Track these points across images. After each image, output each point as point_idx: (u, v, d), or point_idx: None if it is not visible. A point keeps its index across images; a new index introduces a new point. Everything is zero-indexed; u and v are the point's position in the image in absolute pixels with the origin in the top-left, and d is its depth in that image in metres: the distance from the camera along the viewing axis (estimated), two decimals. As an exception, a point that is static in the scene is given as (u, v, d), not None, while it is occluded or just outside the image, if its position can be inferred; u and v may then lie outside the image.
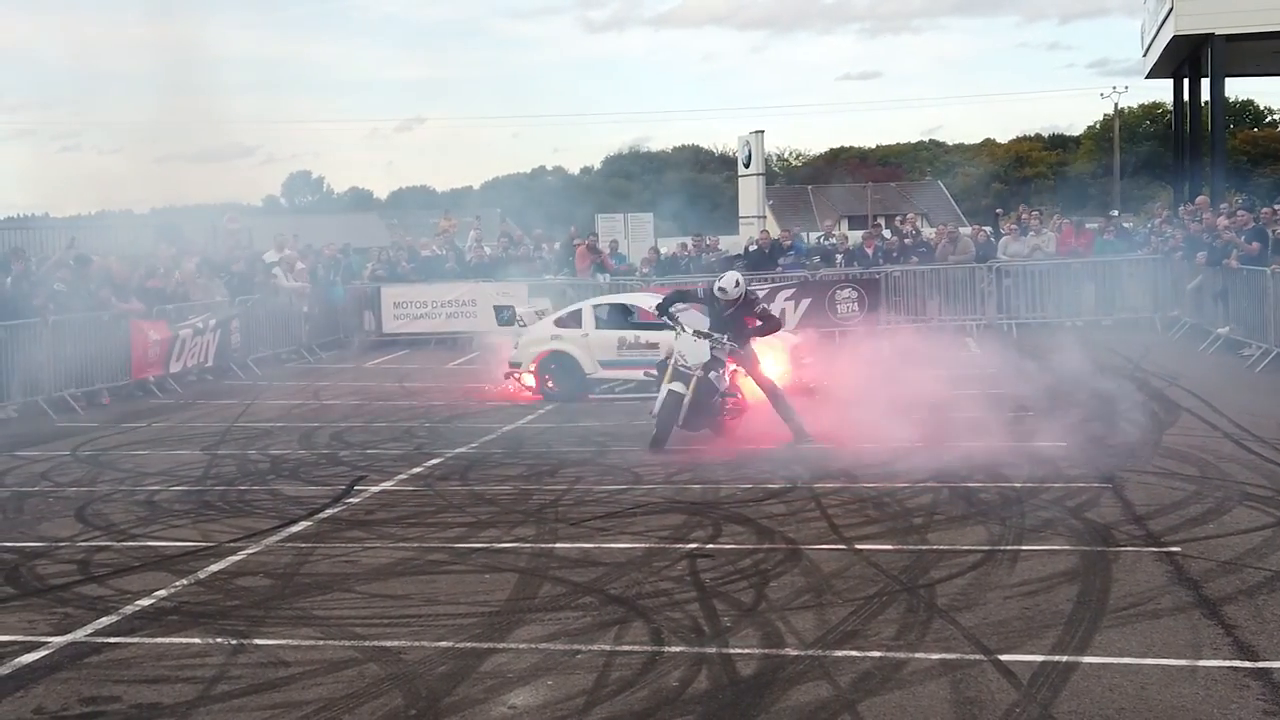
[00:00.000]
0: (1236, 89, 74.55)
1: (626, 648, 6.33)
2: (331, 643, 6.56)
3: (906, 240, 24.73)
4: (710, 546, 8.35)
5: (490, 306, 23.10)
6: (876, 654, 6.13)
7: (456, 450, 12.44)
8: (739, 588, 7.34)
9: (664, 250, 27.76)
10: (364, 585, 7.66)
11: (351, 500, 10.23)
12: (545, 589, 7.47)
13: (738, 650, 6.24)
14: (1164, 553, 7.83)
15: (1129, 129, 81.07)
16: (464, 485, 10.71)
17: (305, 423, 14.76)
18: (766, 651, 6.22)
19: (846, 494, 9.81)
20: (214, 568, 8.15)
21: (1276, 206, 20.66)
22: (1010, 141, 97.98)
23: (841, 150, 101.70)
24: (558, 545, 8.51)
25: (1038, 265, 22.98)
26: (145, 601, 7.42)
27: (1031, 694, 5.56)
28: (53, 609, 7.35)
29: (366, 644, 6.51)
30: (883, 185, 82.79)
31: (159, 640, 6.70)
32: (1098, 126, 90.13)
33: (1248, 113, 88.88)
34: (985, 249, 23.72)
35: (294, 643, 6.56)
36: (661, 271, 24.47)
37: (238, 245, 24.26)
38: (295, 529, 9.24)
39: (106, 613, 7.21)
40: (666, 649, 6.29)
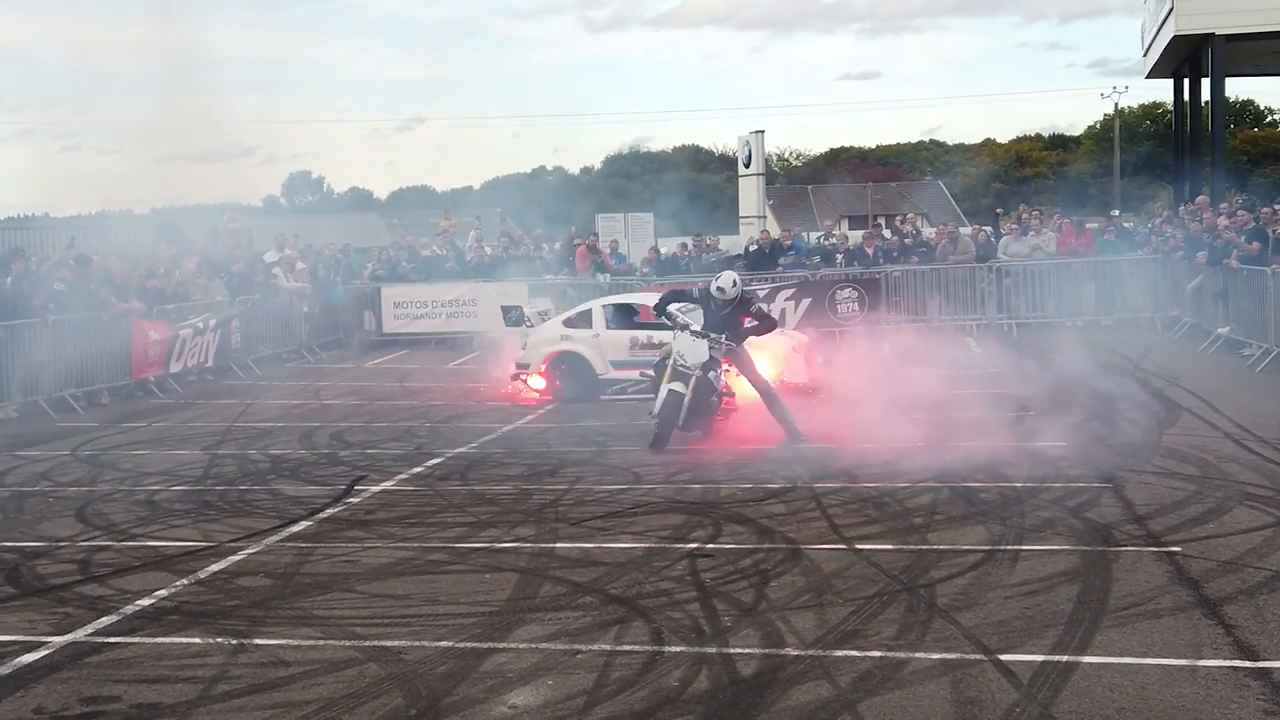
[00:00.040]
0: (1236, 89, 74.51)
1: (627, 647, 6.33)
2: (332, 642, 6.56)
3: (907, 240, 24.73)
4: (710, 546, 8.35)
5: (493, 307, 23.25)
6: (877, 654, 6.13)
7: (457, 450, 12.44)
8: (739, 587, 7.34)
9: (664, 250, 27.75)
10: (364, 585, 7.66)
11: (352, 500, 10.23)
12: (545, 589, 7.47)
13: (738, 650, 6.24)
14: (1164, 552, 7.83)
15: (1129, 129, 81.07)
16: (464, 485, 10.71)
17: (305, 422, 14.76)
18: (767, 651, 6.22)
19: (847, 494, 9.81)
20: (214, 567, 8.16)
21: (1276, 206, 20.65)
22: (1010, 141, 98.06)
23: (842, 150, 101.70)
24: (558, 545, 8.51)
25: (1038, 265, 22.98)
26: (145, 601, 7.42)
27: (1032, 694, 5.56)
28: (53, 609, 7.35)
29: (367, 644, 6.51)
30: (883, 185, 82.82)
31: (159, 640, 6.70)
32: (1098, 126, 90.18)
33: (1248, 113, 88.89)
34: (985, 249, 23.72)
35: (294, 642, 6.56)
36: (661, 271, 24.47)
37: (238, 245, 24.27)
38: (296, 529, 9.24)
39: (107, 612, 7.21)
40: (667, 649, 6.29)
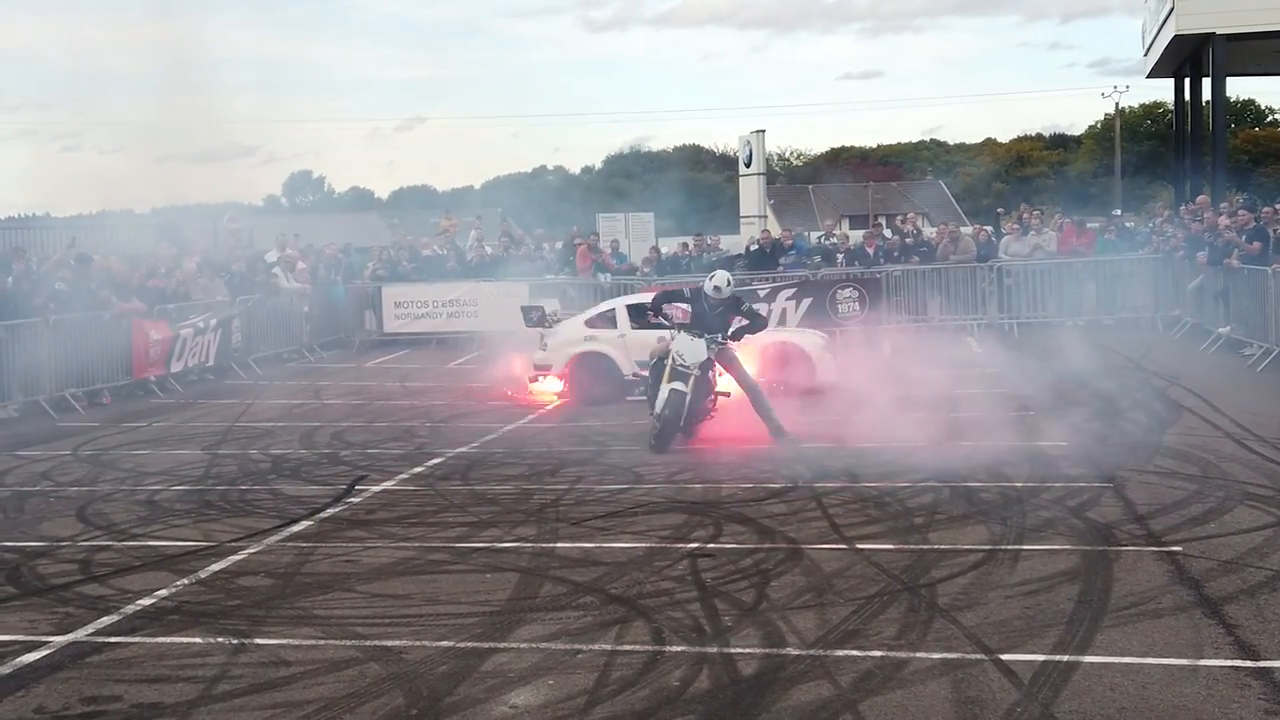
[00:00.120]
0: (1237, 88, 74.48)
1: (627, 647, 6.32)
2: (332, 642, 6.56)
3: (907, 240, 24.71)
4: (711, 546, 8.35)
5: (493, 307, 23.19)
6: (878, 653, 6.12)
7: (457, 450, 12.44)
8: (740, 587, 7.34)
9: (664, 250, 27.72)
10: (365, 585, 7.66)
11: (352, 500, 10.23)
12: (546, 588, 7.47)
13: (739, 650, 6.24)
14: (1165, 552, 7.82)
15: (1130, 128, 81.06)
16: (465, 485, 10.71)
17: (306, 422, 14.77)
18: (767, 651, 6.21)
19: (847, 493, 9.80)
20: (215, 567, 8.15)
21: (1277, 206, 20.64)
22: (1011, 141, 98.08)
23: (842, 150, 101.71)
24: (559, 545, 8.51)
25: (1039, 265, 22.96)
26: (146, 601, 7.42)
27: (1033, 693, 5.56)
28: (54, 608, 7.35)
29: (367, 643, 6.51)
30: (884, 185, 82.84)
31: (160, 640, 6.70)
32: (1099, 126, 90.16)
33: (1248, 112, 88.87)
34: (986, 248, 23.70)
35: (295, 642, 6.56)
36: (662, 271, 24.43)
37: (238, 245, 24.28)
38: (296, 528, 9.24)
39: (107, 612, 7.21)
40: (667, 648, 6.29)
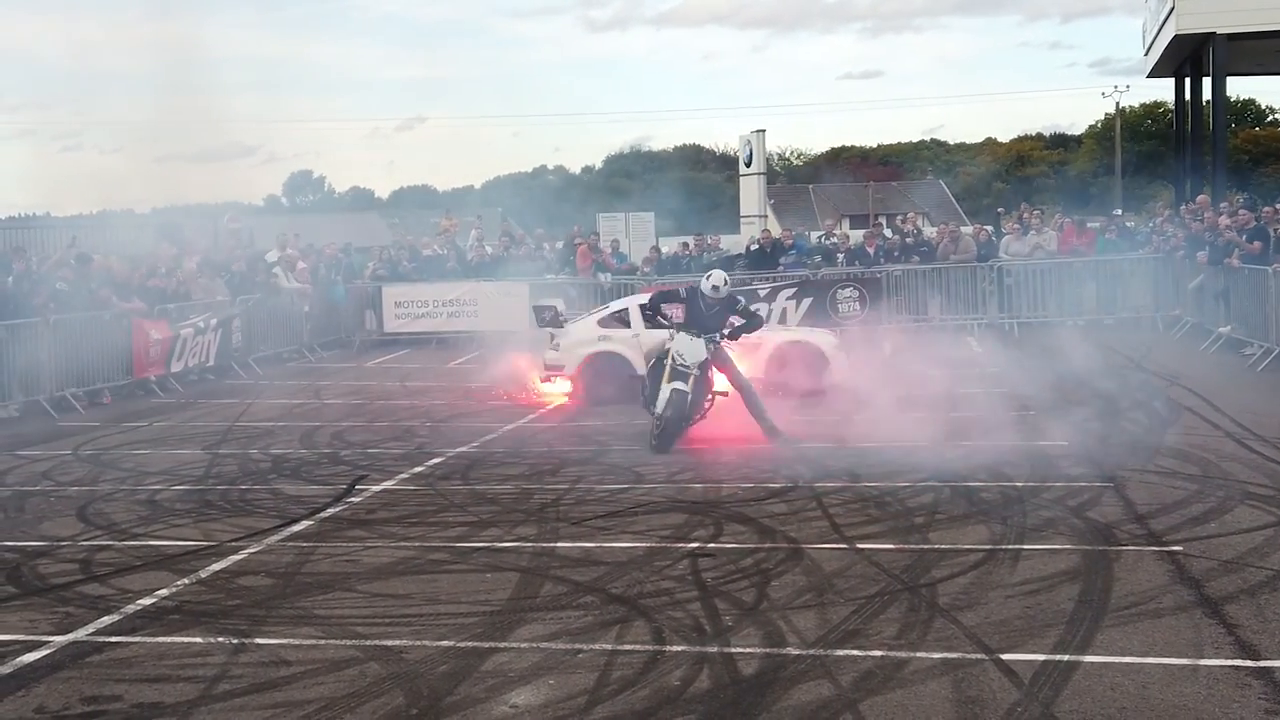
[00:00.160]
0: (1238, 88, 74.54)
1: (628, 647, 6.32)
2: (333, 642, 6.56)
3: (908, 239, 24.70)
4: (712, 546, 8.35)
5: (494, 307, 23.22)
6: (878, 653, 6.12)
7: (458, 449, 12.43)
8: (740, 587, 7.34)
9: (665, 250, 27.71)
10: (365, 584, 7.66)
11: (353, 499, 10.23)
12: (547, 588, 7.47)
13: (739, 649, 6.24)
14: (1166, 552, 7.82)
15: (1130, 128, 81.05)
16: (465, 484, 10.71)
17: (306, 422, 14.76)
18: (768, 651, 6.21)
19: (848, 493, 9.80)
20: (215, 567, 8.15)
21: (1277, 205, 20.64)
22: (1012, 141, 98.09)
23: (843, 149, 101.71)
24: (559, 544, 8.51)
25: (1039, 264, 22.93)
26: (147, 601, 7.42)
27: (1033, 693, 5.56)
28: (54, 608, 7.35)
29: (368, 643, 6.51)
30: (884, 184, 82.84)
31: (160, 639, 6.70)
32: (1099, 125, 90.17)
33: (1249, 112, 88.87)
34: (987, 248, 23.69)
35: (295, 642, 6.56)
36: (662, 271, 24.42)
37: (239, 245, 24.27)
38: (297, 528, 9.24)
39: (108, 612, 7.21)
40: (668, 648, 6.29)
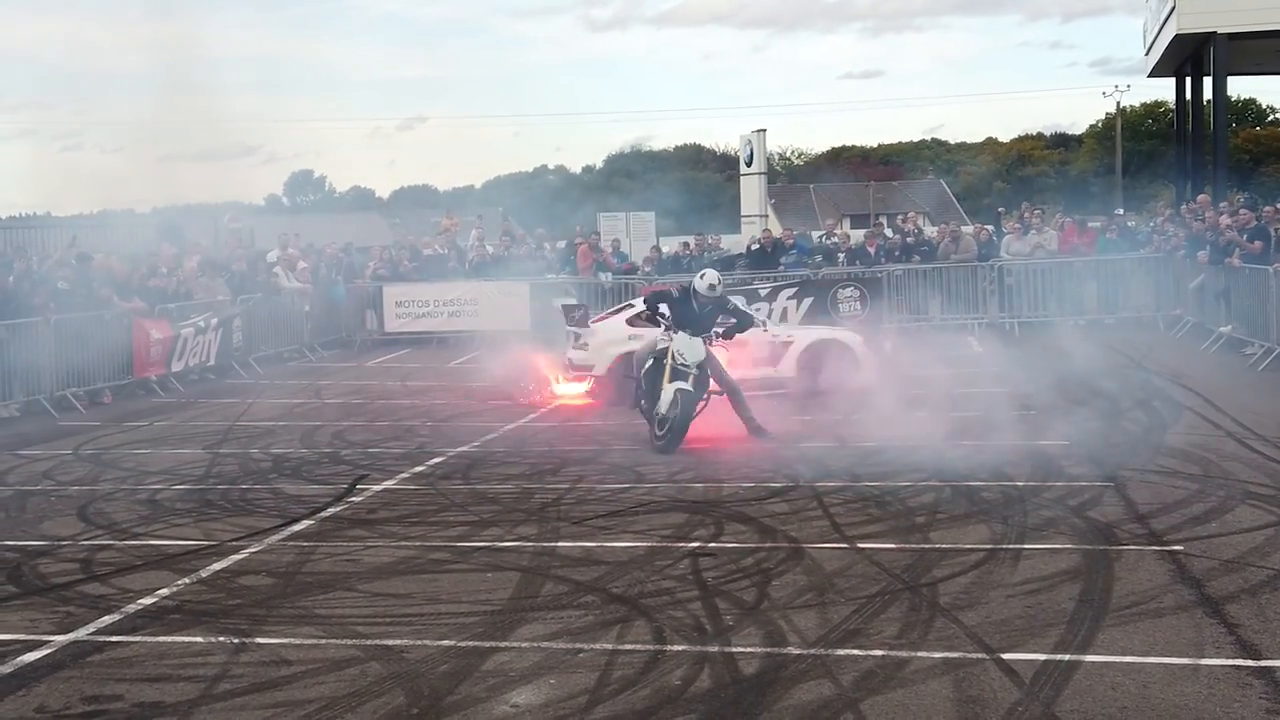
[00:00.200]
0: (1238, 87, 74.41)
1: (629, 646, 6.32)
2: (333, 641, 6.56)
3: (908, 239, 24.69)
4: (712, 545, 8.35)
5: (494, 306, 23.24)
6: (879, 653, 6.12)
7: (458, 449, 12.43)
8: (741, 586, 7.34)
9: (665, 249, 27.72)
10: (366, 584, 7.65)
11: (354, 499, 10.23)
12: (547, 588, 7.47)
13: (740, 649, 6.23)
14: (1166, 551, 7.82)
15: (1131, 128, 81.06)
16: (466, 484, 10.70)
17: (307, 421, 14.76)
18: (769, 650, 6.21)
19: (849, 493, 9.80)
20: (216, 566, 8.15)
21: (1278, 205, 20.64)
22: (1012, 140, 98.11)
23: (843, 149, 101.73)
24: (560, 544, 8.50)
25: (1040, 264, 22.91)
26: (147, 600, 7.42)
27: (1034, 693, 5.55)
28: (55, 608, 7.35)
29: (369, 643, 6.50)
30: (885, 184, 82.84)
31: (161, 639, 6.70)
32: (1100, 125, 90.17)
33: (1250, 111, 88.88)
34: (987, 248, 23.68)
35: (296, 641, 6.56)
36: (663, 271, 24.42)
37: (240, 244, 24.27)
38: (297, 528, 9.24)
39: (109, 611, 7.21)
40: (669, 648, 6.28)
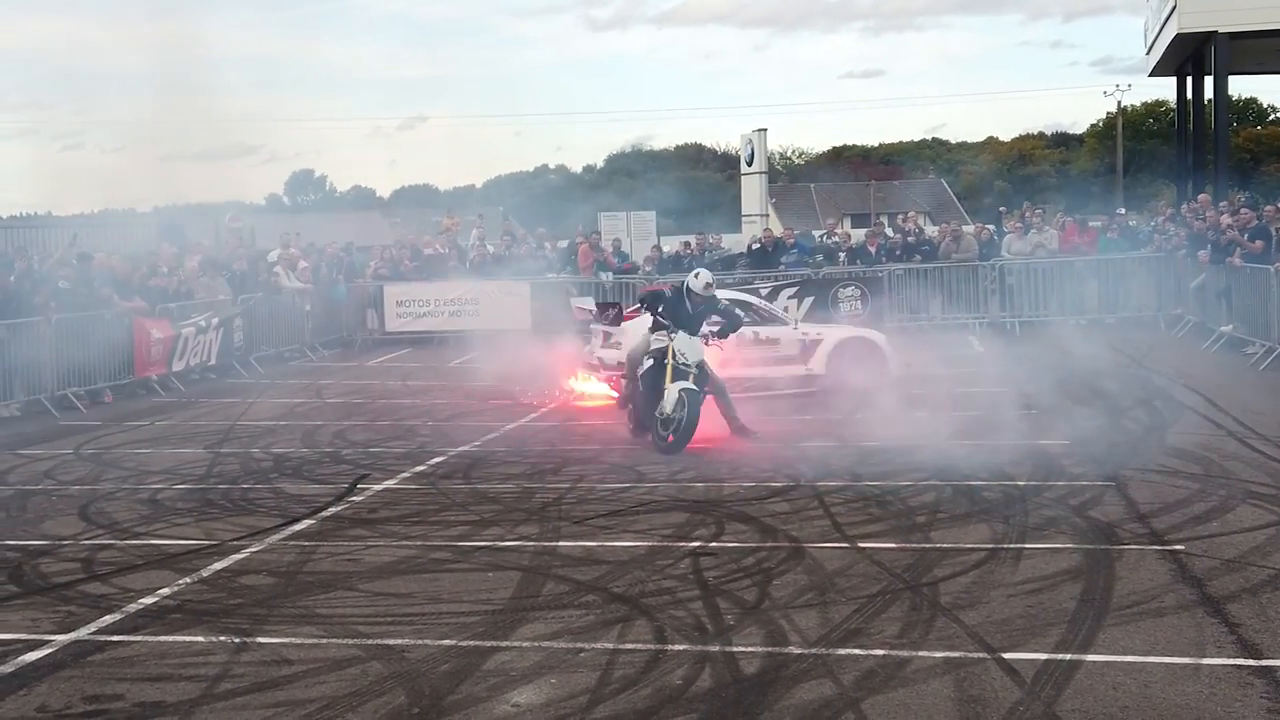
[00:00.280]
0: (1239, 87, 74.37)
1: (630, 646, 6.32)
2: (334, 641, 6.56)
3: (909, 238, 24.69)
4: (713, 545, 8.35)
5: (495, 305, 23.24)
6: (880, 652, 6.12)
7: (459, 448, 12.43)
8: (742, 586, 7.34)
9: (666, 249, 27.72)
10: (367, 583, 7.66)
11: (354, 498, 10.23)
12: (548, 587, 7.47)
13: (741, 648, 6.23)
14: (1167, 551, 7.82)
15: (1132, 127, 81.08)
16: (467, 483, 10.71)
17: (308, 421, 14.76)
18: (770, 650, 6.21)
19: (849, 492, 9.80)
20: (217, 566, 8.16)
21: (1279, 204, 20.62)
22: (1013, 139, 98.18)
23: (844, 148, 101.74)
24: (561, 543, 8.51)
25: (1041, 263, 22.90)
26: (148, 599, 7.42)
27: (1035, 692, 5.55)
28: (56, 607, 7.35)
29: (369, 642, 6.51)
30: (886, 183, 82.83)
31: (162, 638, 6.70)
32: (1101, 124, 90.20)
33: (1251, 110, 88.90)
34: (988, 247, 23.67)
35: (297, 641, 6.56)
36: (664, 270, 24.41)
37: (240, 244, 24.27)
38: (298, 527, 9.24)
39: (110, 611, 7.21)
40: (670, 647, 6.28)
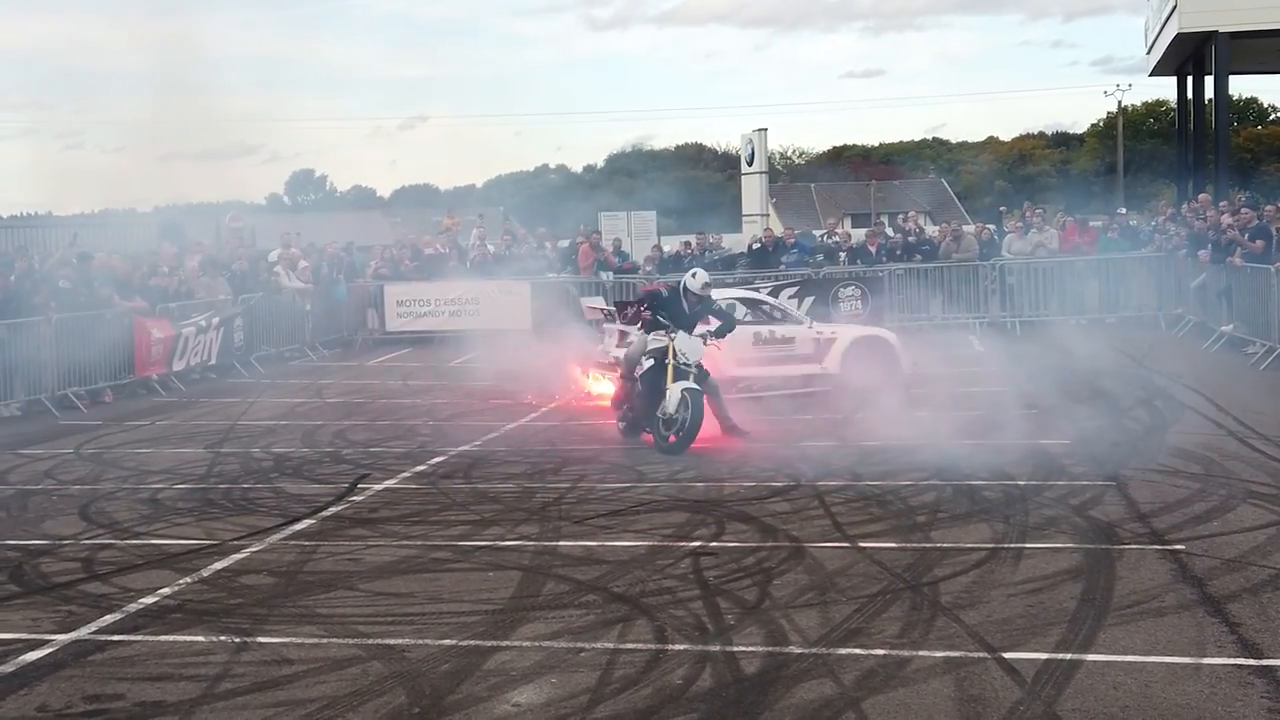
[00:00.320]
0: (1240, 86, 74.34)
1: (630, 646, 6.32)
2: (335, 641, 6.56)
3: (910, 238, 24.68)
4: (714, 544, 8.35)
5: (495, 305, 23.24)
6: (880, 652, 6.12)
7: (460, 448, 12.43)
8: (742, 585, 7.34)
9: (667, 248, 27.71)
10: (367, 583, 7.66)
11: (355, 498, 10.23)
12: (549, 587, 7.47)
13: (741, 648, 6.24)
14: (1168, 550, 7.82)
15: (1132, 127, 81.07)
16: (467, 483, 10.71)
17: (308, 421, 14.76)
18: (770, 649, 6.21)
19: (850, 491, 9.80)
20: (217, 565, 8.16)
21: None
22: (1014, 139, 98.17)
23: (845, 148, 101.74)
24: (561, 543, 8.51)
25: (1041, 263, 22.89)
26: (149, 599, 7.42)
27: (1035, 692, 5.55)
28: (57, 607, 7.36)
29: (370, 642, 6.51)
30: (886, 183, 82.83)
31: (162, 638, 6.70)
32: (1101, 124, 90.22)
33: (1251, 110, 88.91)
34: (989, 247, 23.66)
35: (297, 641, 6.56)
36: (664, 270, 24.41)
37: (241, 243, 24.27)
38: (299, 527, 9.24)
39: (110, 610, 7.22)
40: (670, 647, 6.28)
